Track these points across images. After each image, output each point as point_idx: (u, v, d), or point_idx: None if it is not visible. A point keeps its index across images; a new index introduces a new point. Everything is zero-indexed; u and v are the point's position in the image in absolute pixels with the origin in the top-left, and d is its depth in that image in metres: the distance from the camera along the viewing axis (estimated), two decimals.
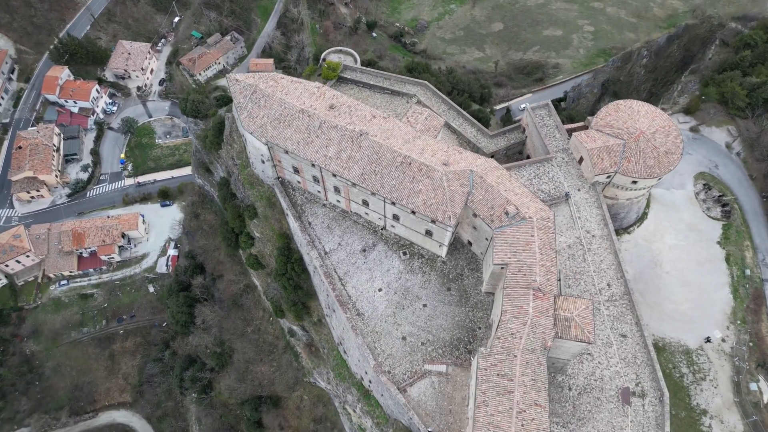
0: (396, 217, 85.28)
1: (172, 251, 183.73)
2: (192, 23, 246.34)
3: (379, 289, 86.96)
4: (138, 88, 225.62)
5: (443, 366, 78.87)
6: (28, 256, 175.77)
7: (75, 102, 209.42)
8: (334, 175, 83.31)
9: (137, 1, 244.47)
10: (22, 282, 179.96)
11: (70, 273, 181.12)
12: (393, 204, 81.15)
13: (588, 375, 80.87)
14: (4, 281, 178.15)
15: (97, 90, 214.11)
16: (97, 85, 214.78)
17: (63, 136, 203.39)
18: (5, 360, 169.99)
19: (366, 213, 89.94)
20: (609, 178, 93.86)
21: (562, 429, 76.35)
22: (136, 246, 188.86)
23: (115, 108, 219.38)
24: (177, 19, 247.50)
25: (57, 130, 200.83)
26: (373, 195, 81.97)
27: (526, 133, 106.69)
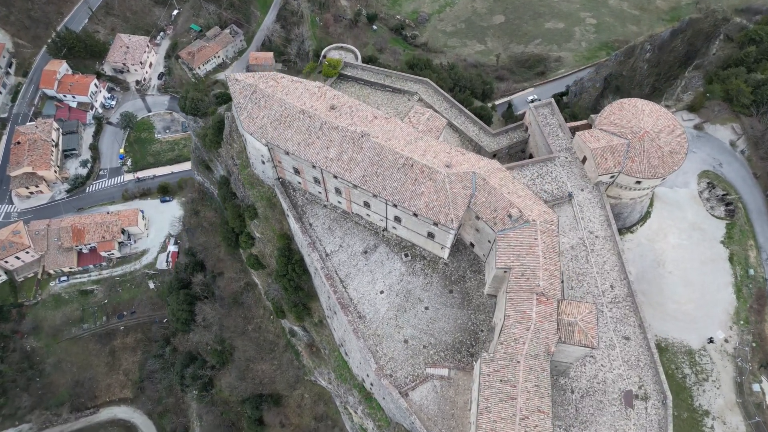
0: (398, 219, 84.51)
1: (172, 247, 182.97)
2: (191, 16, 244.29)
3: (381, 292, 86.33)
4: (137, 82, 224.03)
5: (445, 370, 78.38)
6: (27, 252, 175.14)
7: (73, 96, 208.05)
8: (335, 177, 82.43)
9: None
10: (21, 278, 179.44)
11: (69, 269, 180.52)
12: (395, 206, 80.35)
13: (591, 378, 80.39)
14: (3, 277, 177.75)
15: (96, 84, 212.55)
16: (96, 80, 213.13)
17: (62, 131, 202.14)
18: (6, 356, 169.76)
19: (367, 214, 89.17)
20: (612, 178, 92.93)
21: None
22: (135, 242, 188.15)
23: (114, 102, 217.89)
24: (176, 12, 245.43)
25: (55, 125, 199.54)
26: (375, 197, 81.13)
27: (528, 132, 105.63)
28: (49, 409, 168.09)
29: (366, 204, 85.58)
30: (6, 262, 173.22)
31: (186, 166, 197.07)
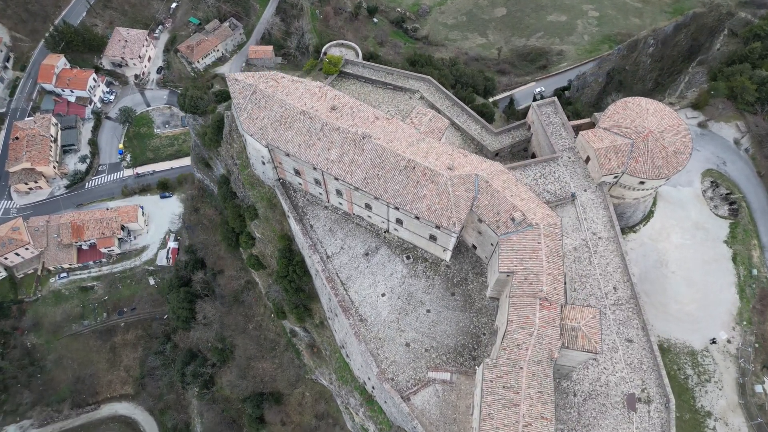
0: (399, 222, 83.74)
1: (172, 243, 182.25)
2: (190, 9, 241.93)
3: (383, 294, 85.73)
4: (135, 76, 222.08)
5: (447, 374, 77.94)
6: (27, 248, 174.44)
7: (72, 91, 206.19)
8: (336, 179, 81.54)
9: None
10: (21, 275, 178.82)
11: (69, 266, 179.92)
12: (396, 209, 79.54)
13: (593, 381, 79.98)
14: (3, 274, 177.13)
15: (94, 79, 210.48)
16: (94, 74, 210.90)
17: (60, 126, 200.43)
18: (6, 353, 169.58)
19: (369, 216, 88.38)
20: (616, 178, 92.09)
21: None
22: (135, 238, 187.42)
23: (113, 97, 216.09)
24: (174, 5, 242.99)
25: (54, 120, 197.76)
26: (376, 199, 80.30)
27: (531, 131, 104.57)
28: (50, 406, 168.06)
29: (367, 206, 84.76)
30: (5, 258, 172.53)
31: (186, 161, 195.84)
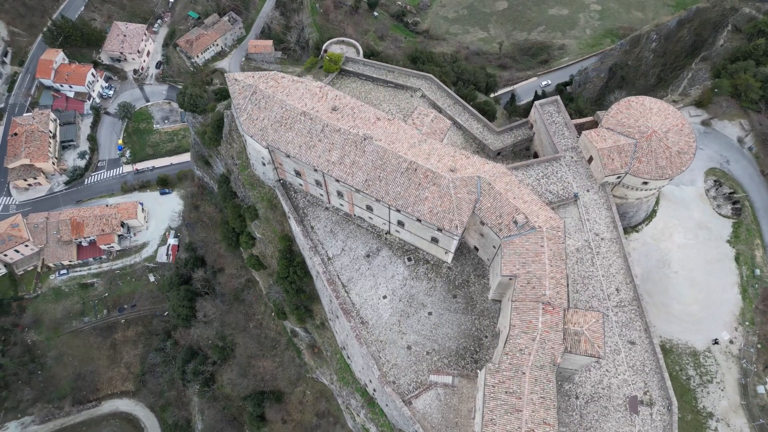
0: (401, 223, 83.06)
1: (172, 240, 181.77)
2: (188, 3, 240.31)
3: (384, 297, 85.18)
4: (134, 71, 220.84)
5: (449, 377, 77.56)
6: (26, 245, 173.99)
7: (70, 86, 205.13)
8: (337, 181, 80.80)
9: None
10: (21, 271, 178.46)
11: (69, 262, 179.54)
12: (398, 211, 78.85)
13: (595, 383, 79.62)
14: (3, 271, 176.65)
15: (93, 74, 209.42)
16: (93, 69, 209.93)
17: (59, 121, 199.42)
18: (7, 350, 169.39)
19: (370, 217, 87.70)
20: (619, 178, 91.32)
21: None
22: (135, 235, 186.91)
23: (112, 92, 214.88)
24: None
25: (53, 115, 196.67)
26: (378, 201, 79.59)
27: (533, 130, 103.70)
28: (51, 402, 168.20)
29: (368, 207, 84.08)
30: (5, 255, 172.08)
31: (185, 157, 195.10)
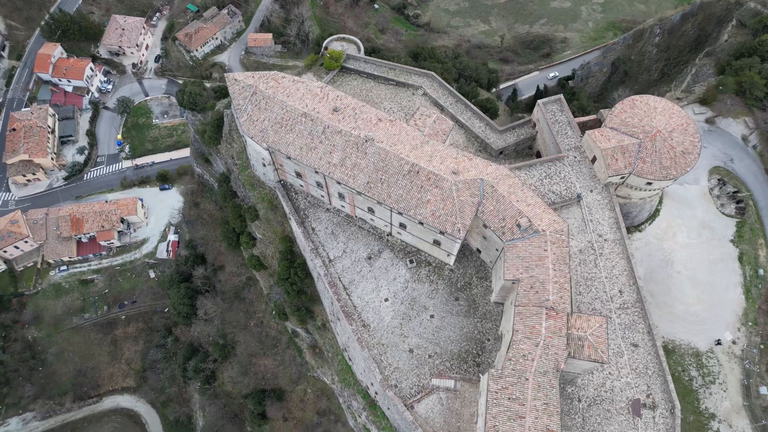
0: (403, 225, 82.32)
1: (172, 236, 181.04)
2: None
3: (386, 299, 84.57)
4: (133, 65, 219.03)
5: (451, 381, 77.12)
6: (26, 241, 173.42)
7: (69, 81, 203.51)
8: (338, 183, 79.95)
9: None
10: (21, 267, 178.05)
11: (69, 258, 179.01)
12: (400, 214, 78.08)
13: (598, 386, 79.24)
14: (3, 267, 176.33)
15: (92, 68, 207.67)
16: (91, 63, 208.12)
17: (57, 116, 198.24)
18: (7, 346, 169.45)
19: (371, 219, 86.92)
20: (623, 179, 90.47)
21: None
22: (135, 231, 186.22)
23: (110, 86, 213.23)
24: None
25: (51, 110, 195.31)
26: (380, 204, 78.79)
27: (536, 129, 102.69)
28: (52, 399, 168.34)
29: (370, 210, 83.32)
30: (5, 251, 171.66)
31: (185, 152, 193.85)
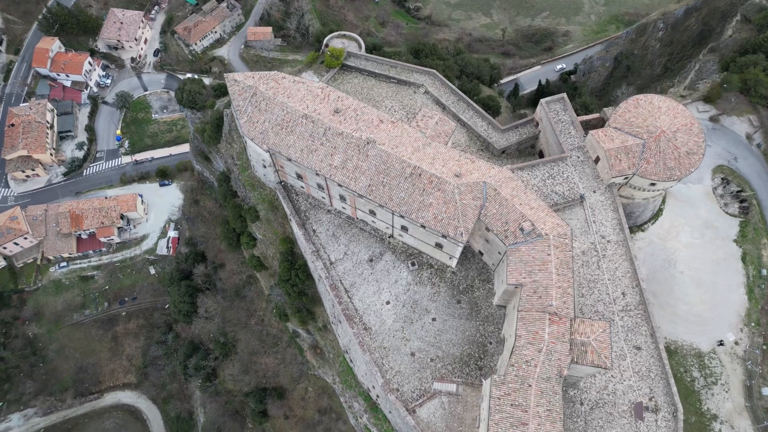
0: (404, 228, 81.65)
1: (172, 233, 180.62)
2: None
3: (387, 302, 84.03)
4: (132, 59, 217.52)
5: (453, 385, 76.80)
6: (26, 238, 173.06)
7: (67, 75, 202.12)
8: (339, 185, 79.18)
9: None
10: (21, 264, 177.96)
11: (69, 255, 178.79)
12: (402, 217, 77.38)
13: (600, 389, 78.97)
14: (3, 263, 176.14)
15: (90, 62, 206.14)
16: (90, 57, 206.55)
17: (56, 111, 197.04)
18: (8, 343, 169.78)
19: (373, 221, 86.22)
20: (626, 179, 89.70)
21: None
22: (135, 227, 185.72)
23: (109, 81, 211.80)
24: None
25: (50, 105, 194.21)
26: (381, 207, 78.07)
27: (539, 128, 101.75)
28: (54, 395, 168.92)
29: (371, 212, 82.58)
30: (4, 248, 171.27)
31: (185, 147, 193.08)
